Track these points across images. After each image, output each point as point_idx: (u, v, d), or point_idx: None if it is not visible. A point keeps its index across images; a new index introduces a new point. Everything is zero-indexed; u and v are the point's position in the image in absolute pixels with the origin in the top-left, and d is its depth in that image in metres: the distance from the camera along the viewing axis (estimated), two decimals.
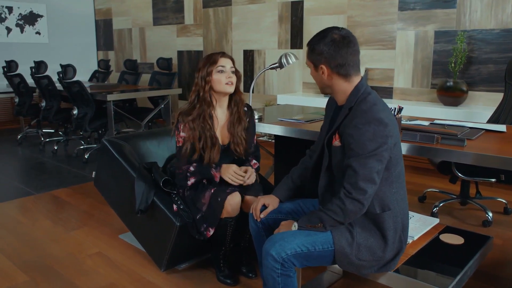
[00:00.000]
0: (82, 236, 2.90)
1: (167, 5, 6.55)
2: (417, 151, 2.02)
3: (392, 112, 1.72)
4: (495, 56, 3.86)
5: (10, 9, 6.82)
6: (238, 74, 2.24)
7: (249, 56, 5.66)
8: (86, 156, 4.83)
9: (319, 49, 1.64)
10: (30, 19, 7.04)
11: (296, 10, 5.10)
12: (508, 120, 3.01)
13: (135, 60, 6.28)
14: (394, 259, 1.69)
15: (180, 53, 6.52)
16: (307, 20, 5.02)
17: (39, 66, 5.19)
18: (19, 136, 5.87)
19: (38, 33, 7.15)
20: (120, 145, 2.60)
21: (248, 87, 5.62)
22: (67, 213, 3.33)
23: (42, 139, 5.63)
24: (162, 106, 5.28)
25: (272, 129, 2.58)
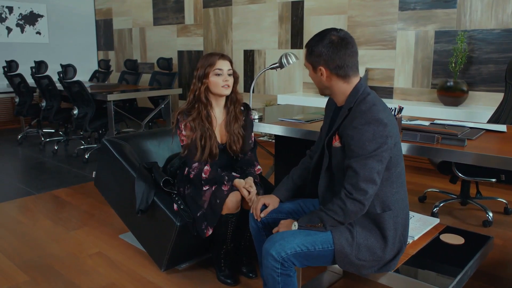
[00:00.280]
0: (83, 236, 2.91)
1: (167, 5, 6.55)
2: (417, 151, 2.03)
3: (393, 112, 1.72)
4: (495, 56, 3.86)
5: (10, 9, 6.82)
6: (235, 75, 2.26)
7: (249, 56, 5.66)
8: (86, 156, 4.83)
9: (317, 51, 1.64)
10: (31, 19, 7.04)
11: (296, 10, 5.10)
12: (509, 120, 3.01)
13: (135, 60, 6.28)
14: (394, 259, 1.69)
15: (180, 53, 6.52)
16: (308, 20, 5.02)
17: (40, 66, 5.19)
18: (20, 136, 5.87)
19: (39, 33, 7.15)
20: (120, 145, 2.60)
21: (248, 87, 5.62)
22: (68, 213, 3.33)
23: (43, 139, 5.63)
24: (163, 106, 5.28)
25: (273, 129, 2.59)
